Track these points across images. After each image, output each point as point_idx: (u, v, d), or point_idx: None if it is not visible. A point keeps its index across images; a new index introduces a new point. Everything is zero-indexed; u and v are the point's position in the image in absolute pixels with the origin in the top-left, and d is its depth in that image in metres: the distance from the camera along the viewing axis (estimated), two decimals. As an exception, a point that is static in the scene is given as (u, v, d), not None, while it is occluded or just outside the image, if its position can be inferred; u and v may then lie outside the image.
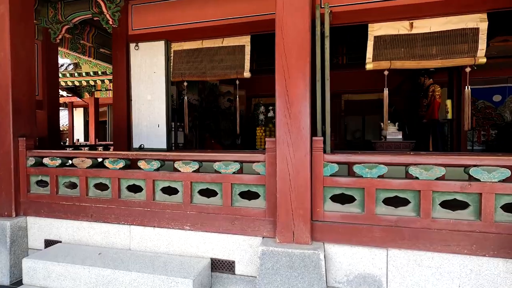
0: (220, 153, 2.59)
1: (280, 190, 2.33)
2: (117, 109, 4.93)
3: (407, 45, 3.91)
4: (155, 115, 4.72)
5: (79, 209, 2.95)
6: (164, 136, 4.68)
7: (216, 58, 4.57)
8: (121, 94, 4.88)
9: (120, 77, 4.87)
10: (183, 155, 2.67)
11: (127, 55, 4.82)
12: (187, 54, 4.72)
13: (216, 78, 4.59)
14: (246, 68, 4.44)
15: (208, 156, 2.67)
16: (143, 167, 2.75)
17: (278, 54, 2.35)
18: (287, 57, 2.32)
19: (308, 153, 2.29)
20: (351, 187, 2.30)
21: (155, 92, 4.71)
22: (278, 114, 2.37)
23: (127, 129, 4.86)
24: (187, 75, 4.68)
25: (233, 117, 9.26)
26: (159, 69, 4.68)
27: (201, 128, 7.62)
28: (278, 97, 2.35)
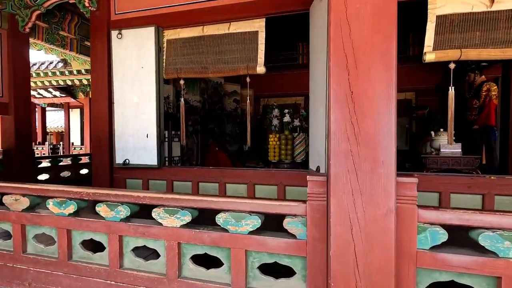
0: (225, 197, 1.52)
1: (335, 274, 1.28)
2: (96, 114, 3.91)
3: (485, 27, 2.81)
4: (144, 121, 3.69)
5: (12, 273, 1.93)
6: (155, 148, 3.65)
7: (221, 48, 3.53)
8: (100, 95, 3.86)
9: (100, 73, 3.86)
10: (168, 198, 1.62)
11: (108, 45, 3.79)
12: (184, 44, 3.68)
13: (220, 74, 3.54)
14: (259, 61, 3.39)
15: (207, 200, 1.60)
16: (105, 214, 1.71)
17: (335, 26, 1.28)
18: (351, 31, 1.25)
19: (393, 209, 1.23)
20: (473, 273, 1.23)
21: (144, 92, 3.68)
22: (331, 134, 1.31)
23: (109, 139, 3.84)
24: (184, 70, 3.64)
25: (239, 120, 8.24)
26: (148, 64, 3.65)
27: (203, 133, 6.59)
28: (334, 102, 1.29)
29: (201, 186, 3.62)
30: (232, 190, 3.50)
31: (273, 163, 4.89)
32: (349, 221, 1.26)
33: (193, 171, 3.64)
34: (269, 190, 3.37)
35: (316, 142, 2.81)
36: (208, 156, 6.53)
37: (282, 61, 8.82)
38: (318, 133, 2.74)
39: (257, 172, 3.41)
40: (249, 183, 3.43)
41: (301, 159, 4.77)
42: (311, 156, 3.11)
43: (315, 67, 2.82)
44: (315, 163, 2.87)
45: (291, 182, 3.28)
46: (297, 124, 4.91)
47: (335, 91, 1.24)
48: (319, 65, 2.66)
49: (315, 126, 2.87)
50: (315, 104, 2.84)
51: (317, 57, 2.77)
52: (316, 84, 2.82)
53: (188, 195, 1.58)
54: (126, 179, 3.91)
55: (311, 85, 3.06)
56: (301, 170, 3.30)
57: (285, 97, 8.65)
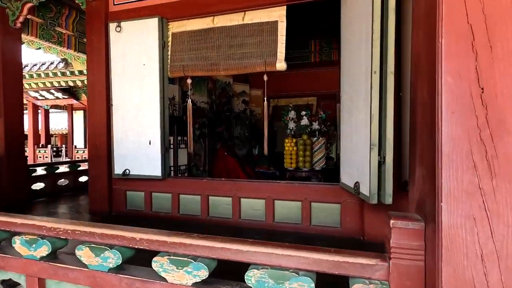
0: (258, 245, 1.02)
1: None
2: (93, 118, 3.47)
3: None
4: (146, 126, 3.23)
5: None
6: (158, 157, 3.19)
7: (234, 42, 3.05)
8: (97, 96, 3.42)
9: (96, 72, 3.41)
10: (174, 243, 1.14)
11: (106, 40, 3.35)
12: (191, 38, 3.21)
13: (233, 72, 3.07)
14: (280, 56, 2.90)
15: (231, 250, 1.09)
16: (88, 261, 1.24)
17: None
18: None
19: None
20: None
21: (146, 93, 3.23)
22: (442, 157, 0.79)
23: (107, 147, 3.39)
24: (191, 68, 3.17)
25: (248, 122, 7.76)
26: (151, 60, 3.19)
27: (211, 136, 6.13)
28: (447, 106, 0.77)
29: (212, 200, 3.15)
30: (248, 206, 3.02)
31: (289, 170, 4.38)
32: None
33: (203, 183, 3.17)
34: (292, 206, 2.88)
35: (353, 153, 2.31)
36: (216, 161, 6.06)
37: (293, 59, 8.36)
38: (357, 142, 2.24)
39: (278, 185, 2.93)
40: (267, 198, 2.94)
41: (320, 167, 4.26)
42: (343, 167, 2.61)
43: (352, 60, 2.32)
44: (351, 178, 2.37)
45: (318, 197, 2.79)
46: (316, 127, 4.40)
47: (449, 88, 0.75)
48: (359, 56, 2.16)
49: (351, 133, 2.37)
50: (351, 107, 2.35)
51: (354, 47, 2.27)
52: (352, 82, 2.32)
53: (204, 239, 1.10)
54: (126, 191, 3.46)
55: (343, 84, 2.56)
56: (329, 184, 2.81)
57: (296, 97, 8.16)
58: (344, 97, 2.53)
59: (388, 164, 1.96)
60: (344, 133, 2.54)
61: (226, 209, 3.09)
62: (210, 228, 2.96)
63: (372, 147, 1.96)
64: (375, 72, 1.94)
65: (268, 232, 2.83)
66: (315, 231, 2.78)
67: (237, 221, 3.03)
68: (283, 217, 2.91)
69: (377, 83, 1.94)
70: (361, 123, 2.14)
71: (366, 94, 2.05)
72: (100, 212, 3.44)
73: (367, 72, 2.03)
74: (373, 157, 1.96)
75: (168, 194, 3.29)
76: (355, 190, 2.22)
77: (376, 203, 1.99)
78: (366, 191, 2.07)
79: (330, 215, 2.77)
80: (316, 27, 7.16)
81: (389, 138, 1.95)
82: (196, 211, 3.19)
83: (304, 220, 2.82)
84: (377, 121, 1.96)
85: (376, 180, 1.97)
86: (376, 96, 1.94)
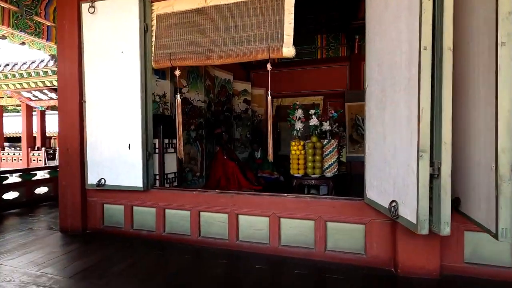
0: None
1: None
2: (64, 118, 2.92)
3: None
4: (124, 127, 2.68)
5: None
6: (139, 164, 2.63)
7: (231, 23, 2.50)
8: (69, 91, 2.87)
9: (68, 62, 2.87)
10: None
11: (78, 24, 2.81)
12: (180, 20, 2.66)
13: (230, 59, 2.50)
14: (287, 39, 2.33)
15: None
16: None
17: None
18: None
19: None
20: None
21: (124, 86, 2.68)
22: None
23: (80, 152, 2.84)
24: (180, 56, 2.61)
25: (250, 123, 7.20)
26: (131, 47, 2.65)
27: (209, 139, 5.58)
28: None
29: (204, 217, 2.58)
30: (248, 224, 2.45)
31: (296, 177, 3.81)
32: None
33: (193, 196, 2.60)
34: (302, 226, 2.30)
35: (386, 161, 1.73)
36: (214, 166, 5.51)
37: (298, 56, 7.79)
38: (392, 146, 1.66)
39: (284, 199, 2.35)
40: (272, 215, 2.37)
41: (332, 173, 3.68)
42: (370, 178, 2.03)
43: (385, 37, 1.74)
44: (383, 194, 1.78)
45: (335, 215, 2.21)
46: (327, 127, 3.82)
47: None
48: (397, 29, 1.58)
49: (382, 134, 1.79)
50: (383, 100, 1.77)
51: (389, 18, 1.70)
52: (385, 66, 1.74)
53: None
54: (103, 204, 2.90)
55: (370, 70, 1.98)
56: (350, 199, 2.23)
57: (301, 96, 7.61)
58: (371, 88, 1.95)
59: (444, 178, 1.38)
60: (372, 134, 1.96)
61: (221, 228, 2.52)
62: (201, 252, 2.39)
63: (420, 155, 1.39)
64: (425, 48, 1.37)
65: (272, 259, 2.26)
66: (332, 258, 2.20)
67: (234, 243, 2.46)
68: (292, 240, 2.33)
69: (428, 64, 1.37)
70: (400, 121, 1.57)
71: (409, 81, 1.48)
72: (72, 229, 2.89)
73: (411, 49, 1.46)
74: (422, 168, 1.39)
75: (151, 209, 2.72)
76: (391, 213, 1.64)
77: (426, 233, 1.41)
78: (409, 215, 1.49)
79: (351, 238, 2.18)
80: (323, 20, 6.61)
81: (446, 142, 1.37)
82: (184, 229, 2.63)
83: (318, 244, 2.25)
84: (429, 117, 1.38)
85: (427, 200, 1.40)
86: (426, 82, 1.37)
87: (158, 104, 4.06)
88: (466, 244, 1.94)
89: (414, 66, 1.41)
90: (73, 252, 2.41)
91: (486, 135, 1.27)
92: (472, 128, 1.38)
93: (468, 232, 1.92)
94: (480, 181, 1.34)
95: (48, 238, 2.75)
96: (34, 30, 4.23)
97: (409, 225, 1.49)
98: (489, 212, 1.28)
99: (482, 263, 1.92)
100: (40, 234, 2.86)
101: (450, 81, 1.36)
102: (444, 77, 1.36)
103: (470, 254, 1.95)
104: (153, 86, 3.93)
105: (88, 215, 2.93)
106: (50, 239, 2.73)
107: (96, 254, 2.35)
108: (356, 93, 7.18)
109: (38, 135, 12.94)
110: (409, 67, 1.46)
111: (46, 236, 2.82)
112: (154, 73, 4.05)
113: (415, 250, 1.93)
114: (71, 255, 2.36)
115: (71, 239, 2.74)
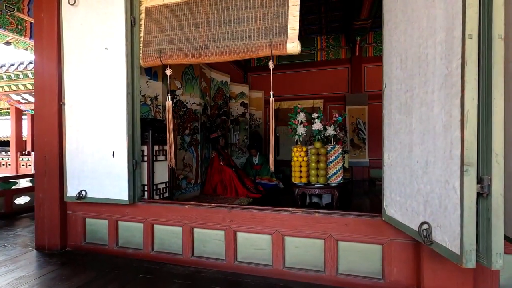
0: None
1: None
2: (41, 122, 2.61)
3: None
4: (108, 133, 2.38)
5: None
6: (125, 174, 2.33)
7: (229, 17, 2.23)
8: (47, 92, 2.57)
9: (46, 60, 2.57)
10: None
11: (58, 18, 2.52)
12: (172, 13, 2.39)
13: (227, 56, 2.22)
14: (291, 34, 2.06)
15: None
16: None
17: None
18: None
19: None
20: None
21: (108, 87, 2.38)
22: None
23: (59, 160, 2.53)
24: (171, 53, 2.33)
25: (248, 127, 6.93)
26: (116, 43, 2.36)
27: (205, 144, 5.28)
28: None
29: (198, 234, 2.28)
30: (248, 243, 2.15)
31: (298, 186, 3.52)
32: None
33: (185, 210, 2.30)
34: (310, 246, 2.01)
35: (415, 174, 1.45)
36: (210, 172, 5.21)
37: (297, 58, 7.56)
38: (423, 157, 1.38)
39: (289, 215, 2.07)
40: (275, 233, 2.08)
41: (337, 182, 3.40)
42: (390, 193, 1.75)
43: (411, 25, 1.47)
44: (410, 213, 1.51)
45: (348, 234, 1.93)
46: (331, 132, 3.55)
47: None
48: (430, 15, 1.32)
49: (409, 143, 1.52)
50: (408, 102, 1.49)
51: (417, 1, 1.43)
52: (412, 60, 1.47)
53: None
54: (85, 218, 2.59)
55: (390, 67, 1.71)
56: (366, 215, 1.95)
57: (301, 100, 7.37)
58: (392, 88, 1.68)
59: (496, 198, 1.10)
60: (393, 142, 1.68)
61: (218, 246, 2.22)
62: (194, 276, 2.09)
63: (465, 169, 1.11)
64: (470, 36, 1.10)
65: (276, 284, 1.96)
66: (344, 283, 1.91)
67: (232, 264, 2.16)
68: (298, 261, 2.04)
69: (475, 56, 1.10)
70: (434, 127, 1.29)
71: (447, 78, 1.21)
72: (49, 247, 2.57)
73: (449, 39, 1.19)
74: (468, 185, 1.11)
75: (138, 224, 2.42)
76: (422, 238, 1.36)
77: (473, 267, 1.13)
78: (449, 242, 1.21)
79: (366, 261, 1.90)
80: (324, 20, 6.35)
81: (497, 153, 1.10)
82: (176, 248, 2.32)
83: (328, 267, 1.96)
84: (476, 123, 1.11)
85: (474, 226, 1.12)
86: (472, 78, 1.10)
87: (149, 107, 3.76)
88: (502, 270, 1.67)
89: (456, 59, 1.14)
90: (47, 277, 2.09)
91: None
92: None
93: (506, 255, 1.65)
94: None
95: (21, 258, 2.42)
96: (15, 27, 3.93)
97: (449, 255, 1.20)
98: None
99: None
100: (12, 253, 2.53)
101: (501, 77, 1.09)
102: (494, 72, 1.09)
103: (506, 280, 1.68)
104: (144, 87, 3.65)
105: (68, 230, 2.61)
106: (23, 259, 2.40)
107: (73, 280, 2.03)
108: (357, 96, 6.96)
109: (29, 139, 12.52)
110: (448, 61, 1.19)
111: (19, 255, 2.49)
112: (146, 74, 3.77)
113: (444, 277, 1.65)
114: (44, 280, 2.04)
115: (47, 259, 2.42)
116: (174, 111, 4.24)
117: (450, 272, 1.63)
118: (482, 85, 1.13)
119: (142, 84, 3.56)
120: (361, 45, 6.78)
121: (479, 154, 1.13)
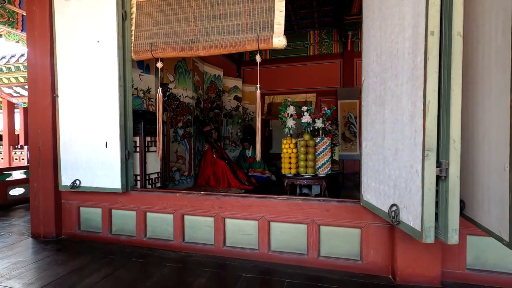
0: None
1: None
2: (34, 113, 2.67)
3: None
4: (101, 124, 2.46)
5: None
6: (118, 163, 2.42)
7: (218, 11, 2.30)
8: (40, 84, 2.63)
9: (38, 53, 2.62)
10: None
11: (50, 11, 2.56)
12: (162, 7, 2.45)
13: (216, 50, 2.30)
14: (277, 28, 2.15)
15: None
16: None
17: None
18: None
19: None
20: None
21: (101, 79, 2.45)
22: None
23: (53, 150, 2.61)
24: (162, 47, 2.40)
25: (241, 121, 7.01)
26: (108, 36, 2.42)
27: (198, 137, 5.37)
28: None
29: (188, 220, 2.39)
30: (236, 229, 2.27)
31: (288, 177, 3.64)
32: None
33: (176, 198, 2.41)
34: (294, 231, 2.14)
35: (387, 161, 1.57)
36: (203, 165, 5.30)
37: (290, 52, 7.64)
38: (393, 145, 1.50)
39: (275, 201, 2.18)
40: (261, 218, 2.20)
41: (325, 173, 3.52)
42: (367, 179, 1.87)
43: (385, 21, 1.57)
44: (382, 197, 1.63)
45: (329, 219, 2.05)
46: (320, 125, 3.65)
47: None
48: (400, 12, 1.42)
49: (382, 132, 1.63)
50: (382, 94, 1.61)
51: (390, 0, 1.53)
52: (386, 55, 1.58)
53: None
54: (79, 207, 2.68)
55: (368, 61, 1.82)
56: (345, 201, 2.07)
57: (294, 94, 7.45)
58: (369, 81, 1.79)
59: (453, 180, 1.23)
60: (369, 132, 1.80)
61: (207, 232, 2.34)
62: (185, 260, 2.20)
63: (426, 154, 1.23)
64: (432, 32, 1.21)
65: (262, 267, 2.09)
66: (326, 265, 2.04)
67: (221, 249, 2.28)
68: (282, 245, 2.16)
69: (436, 51, 1.21)
70: (402, 117, 1.41)
71: (413, 71, 1.32)
72: (44, 235, 2.66)
73: (415, 35, 1.30)
74: (428, 169, 1.23)
75: (131, 212, 2.52)
76: (391, 218, 1.48)
77: (432, 242, 1.25)
78: (413, 221, 1.33)
79: (346, 243, 2.03)
80: (316, 15, 6.42)
81: (454, 140, 1.22)
82: (167, 234, 2.43)
83: (311, 250, 2.08)
84: (436, 112, 1.22)
85: (433, 206, 1.24)
86: (433, 71, 1.21)
87: (142, 99, 3.83)
88: (469, 250, 1.81)
89: (420, 54, 1.25)
90: (43, 261, 2.19)
91: (499, 131, 1.12)
92: (481, 124, 1.23)
93: (472, 236, 1.79)
94: (490, 183, 1.20)
95: (17, 245, 2.51)
96: (7, 19, 3.93)
97: (412, 232, 1.33)
98: (501, 218, 1.14)
99: (486, 270, 1.79)
100: (9, 241, 2.61)
101: (459, 70, 1.20)
102: (453, 66, 1.20)
103: (473, 260, 1.82)
104: (136, 80, 3.70)
105: (62, 219, 2.70)
106: (20, 246, 2.49)
107: (68, 264, 2.13)
108: (349, 90, 7.08)
109: (21, 132, 12.44)
110: (414, 55, 1.30)
111: (16, 242, 2.58)
112: (138, 67, 3.83)
113: (414, 257, 1.78)
114: (40, 264, 2.14)
115: (43, 245, 2.51)
116: (167, 104, 4.31)
117: (420, 252, 1.77)
118: (443, 78, 1.24)
119: (135, 77, 3.62)
120: (353, 40, 6.86)
121: (439, 140, 1.25)
